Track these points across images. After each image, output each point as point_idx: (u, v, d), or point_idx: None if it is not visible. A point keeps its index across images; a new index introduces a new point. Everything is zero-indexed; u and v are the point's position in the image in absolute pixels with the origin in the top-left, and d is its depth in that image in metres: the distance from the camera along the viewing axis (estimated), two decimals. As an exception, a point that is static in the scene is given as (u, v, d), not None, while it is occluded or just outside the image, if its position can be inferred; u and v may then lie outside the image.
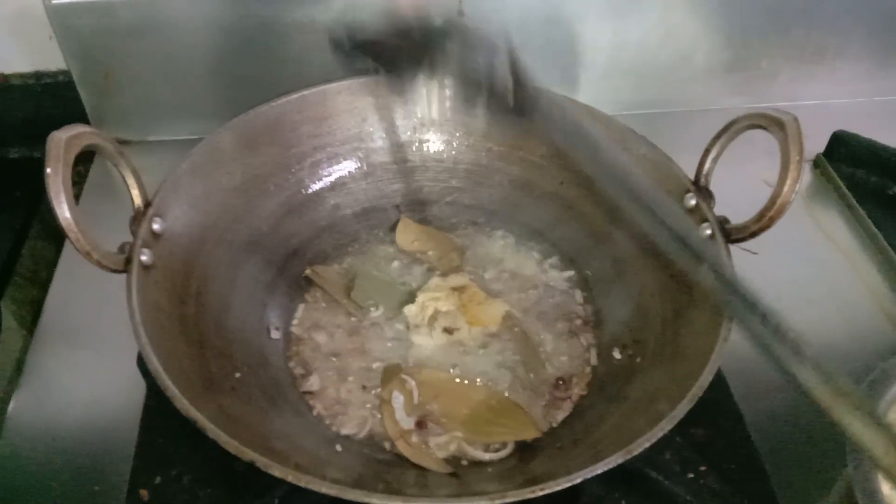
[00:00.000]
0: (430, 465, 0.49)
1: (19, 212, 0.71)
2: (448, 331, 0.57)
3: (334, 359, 0.56)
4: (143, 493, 0.47)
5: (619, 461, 0.40)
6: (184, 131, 0.76)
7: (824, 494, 0.51)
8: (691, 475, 0.49)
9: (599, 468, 0.40)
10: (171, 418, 0.50)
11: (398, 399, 0.51)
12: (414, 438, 0.51)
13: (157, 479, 0.48)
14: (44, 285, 0.64)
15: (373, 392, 0.54)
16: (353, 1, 0.70)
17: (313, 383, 0.54)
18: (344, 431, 0.51)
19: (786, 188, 0.47)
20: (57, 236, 0.70)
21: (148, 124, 0.78)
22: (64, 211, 0.41)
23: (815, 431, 0.54)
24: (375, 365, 0.55)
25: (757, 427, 0.53)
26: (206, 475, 0.48)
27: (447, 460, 0.50)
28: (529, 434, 0.52)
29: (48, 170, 0.41)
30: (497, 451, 0.51)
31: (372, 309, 0.59)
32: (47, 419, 0.54)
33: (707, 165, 0.54)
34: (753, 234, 0.50)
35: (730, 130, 0.52)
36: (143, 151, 0.76)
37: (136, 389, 0.53)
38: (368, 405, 0.53)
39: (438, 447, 0.51)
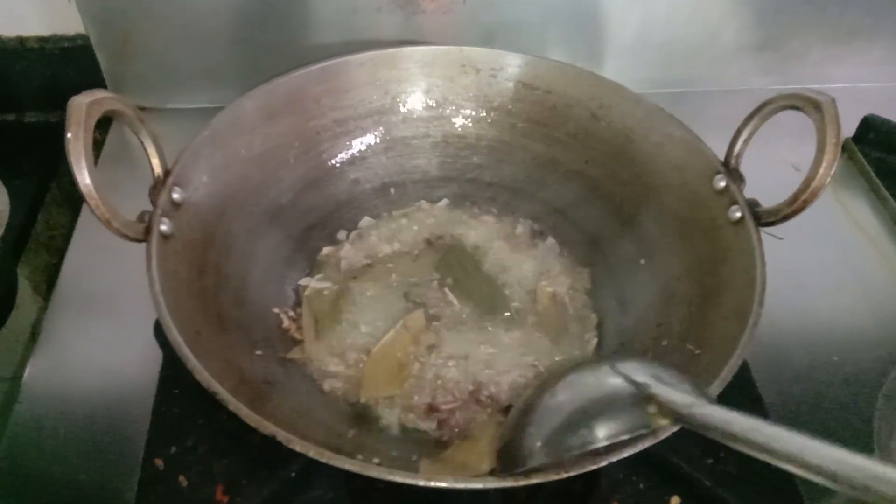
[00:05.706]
0: None
1: (35, 177, 0.71)
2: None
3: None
4: (159, 462, 0.47)
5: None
6: (202, 99, 0.76)
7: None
8: (710, 460, 0.49)
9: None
10: (187, 388, 0.50)
11: None
12: None
13: (173, 449, 0.48)
14: (60, 252, 0.63)
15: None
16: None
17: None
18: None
19: (821, 171, 0.46)
20: (73, 203, 0.69)
21: (166, 91, 0.77)
22: (84, 177, 0.41)
23: (837, 419, 0.54)
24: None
25: (778, 414, 0.53)
26: (221, 446, 0.48)
27: None
28: None
29: (69, 135, 0.40)
30: None
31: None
32: (63, 387, 0.54)
33: (738, 147, 0.52)
34: (786, 218, 0.49)
35: (763, 111, 0.50)
36: (160, 119, 0.75)
37: (152, 359, 0.53)
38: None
39: None
